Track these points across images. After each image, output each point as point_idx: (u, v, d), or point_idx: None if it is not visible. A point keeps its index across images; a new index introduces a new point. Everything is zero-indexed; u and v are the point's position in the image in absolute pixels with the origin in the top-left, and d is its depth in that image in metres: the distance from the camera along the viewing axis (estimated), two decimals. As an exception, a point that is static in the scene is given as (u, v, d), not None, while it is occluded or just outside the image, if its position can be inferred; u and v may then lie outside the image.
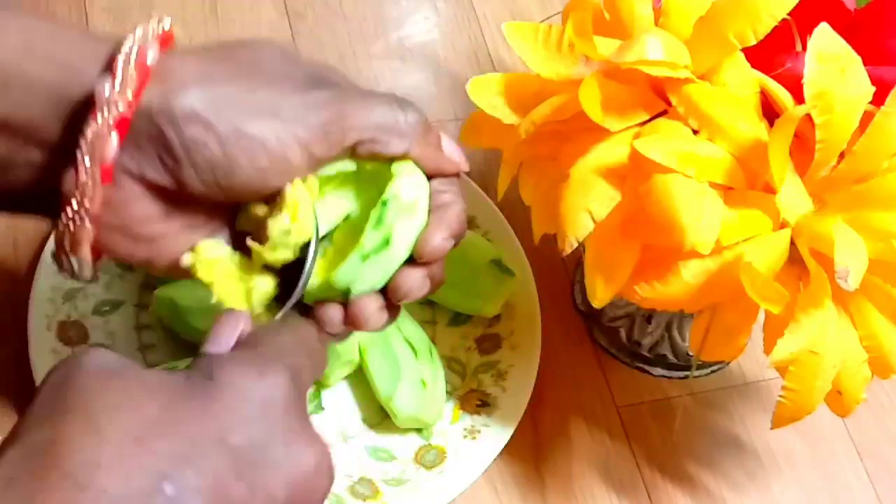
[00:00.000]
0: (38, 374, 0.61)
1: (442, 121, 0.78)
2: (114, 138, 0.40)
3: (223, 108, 0.41)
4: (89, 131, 0.39)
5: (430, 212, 0.44)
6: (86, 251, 0.42)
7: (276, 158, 0.41)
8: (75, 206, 0.41)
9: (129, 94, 0.39)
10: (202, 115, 0.40)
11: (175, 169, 0.41)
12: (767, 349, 0.49)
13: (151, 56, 0.40)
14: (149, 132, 0.40)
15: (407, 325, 0.65)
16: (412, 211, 0.44)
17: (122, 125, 0.40)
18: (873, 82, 0.49)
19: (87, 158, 0.40)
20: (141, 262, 0.44)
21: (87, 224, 0.41)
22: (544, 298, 0.68)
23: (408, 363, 0.62)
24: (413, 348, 0.63)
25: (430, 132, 0.45)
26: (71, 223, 0.41)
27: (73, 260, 0.43)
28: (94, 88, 0.39)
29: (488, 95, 0.54)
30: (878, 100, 0.48)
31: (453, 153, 0.46)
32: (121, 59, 0.40)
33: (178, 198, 0.42)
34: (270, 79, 0.42)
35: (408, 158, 0.44)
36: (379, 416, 0.64)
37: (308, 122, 0.42)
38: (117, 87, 0.39)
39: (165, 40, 0.42)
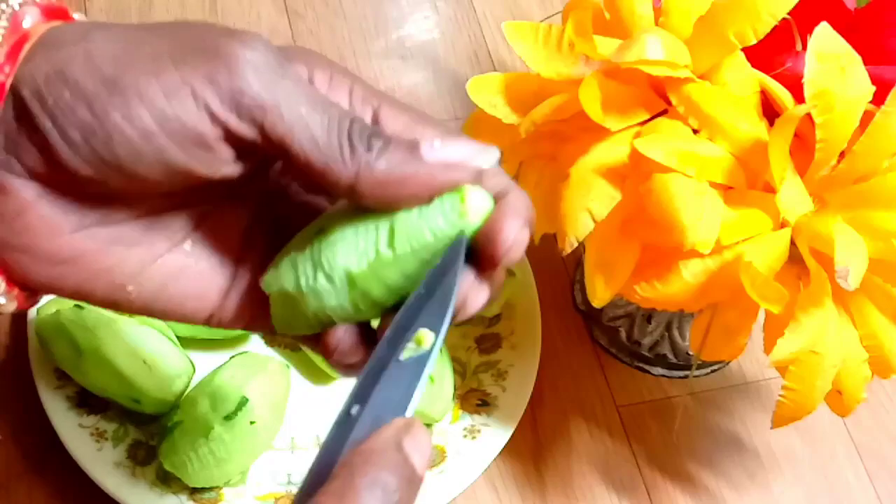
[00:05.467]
0: (38, 373, 0.61)
1: (442, 121, 0.78)
2: None
3: (99, 63, 0.32)
4: None
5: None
6: None
7: (166, 118, 0.31)
8: None
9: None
10: (68, 72, 0.31)
11: (44, 145, 0.32)
12: (767, 349, 0.49)
13: (29, 19, 0.32)
14: (14, 107, 0.32)
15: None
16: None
17: None
18: (873, 82, 0.49)
19: None
20: (76, 293, 0.35)
21: None
22: (544, 298, 0.67)
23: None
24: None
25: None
26: None
27: None
28: None
29: (488, 95, 0.54)
30: (878, 100, 0.48)
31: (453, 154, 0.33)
32: None
33: (81, 193, 0.33)
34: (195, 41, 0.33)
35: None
36: (379, 416, 0.64)
37: (218, 78, 0.31)
38: None
39: (53, 11, 0.34)
